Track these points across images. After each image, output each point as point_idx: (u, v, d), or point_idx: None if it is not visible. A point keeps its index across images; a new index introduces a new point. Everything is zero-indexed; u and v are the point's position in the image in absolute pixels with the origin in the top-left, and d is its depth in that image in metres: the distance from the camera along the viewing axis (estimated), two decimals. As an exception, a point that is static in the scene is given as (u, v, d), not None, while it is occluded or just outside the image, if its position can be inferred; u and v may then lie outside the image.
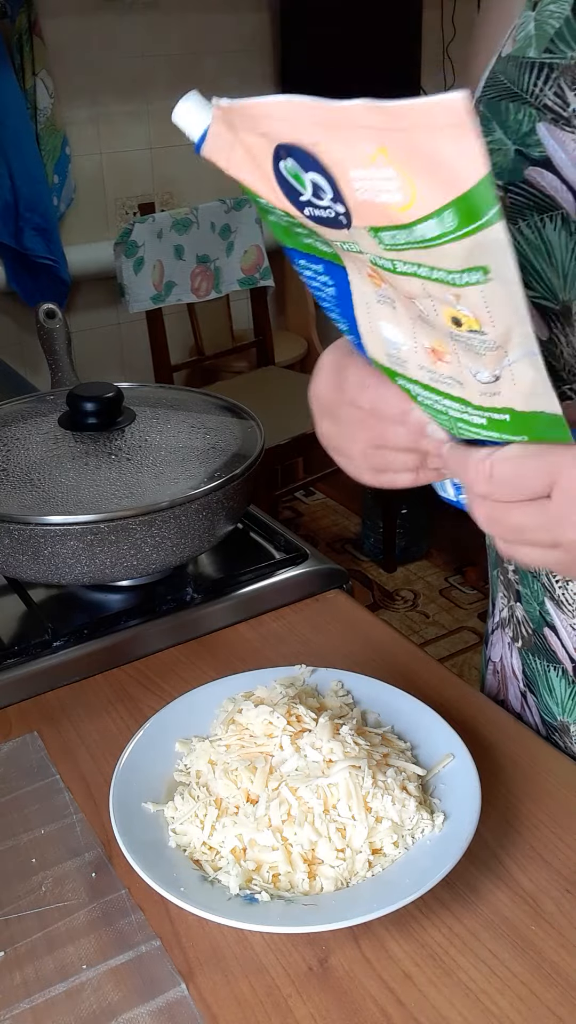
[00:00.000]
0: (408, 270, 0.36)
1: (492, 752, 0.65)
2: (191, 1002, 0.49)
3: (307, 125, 0.32)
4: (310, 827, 0.55)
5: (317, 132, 0.32)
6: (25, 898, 0.56)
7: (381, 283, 0.39)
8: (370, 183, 0.32)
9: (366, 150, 0.31)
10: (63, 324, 1.00)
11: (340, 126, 0.32)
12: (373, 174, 0.32)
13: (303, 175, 0.34)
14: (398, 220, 0.33)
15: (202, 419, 0.87)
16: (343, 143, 0.32)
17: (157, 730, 0.64)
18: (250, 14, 2.88)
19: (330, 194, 0.34)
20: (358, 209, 0.34)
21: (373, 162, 0.32)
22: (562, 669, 0.67)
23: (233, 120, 0.35)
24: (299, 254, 0.43)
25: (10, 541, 0.73)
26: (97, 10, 2.61)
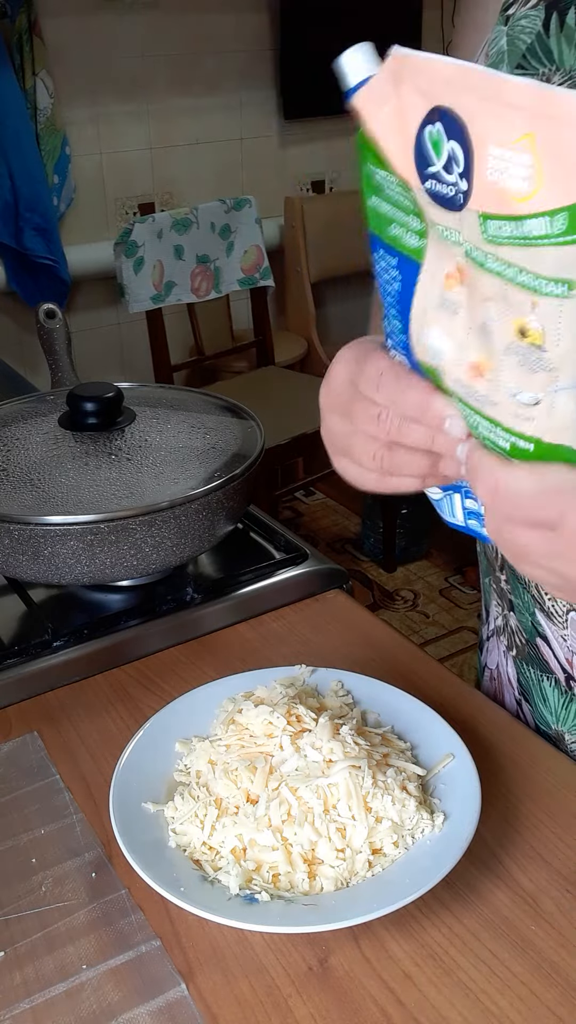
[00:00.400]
0: (497, 268, 0.36)
1: (492, 752, 0.65)
2: (191, 1002, 0.49)
3: (469, 92, 0.34)
4: (310, 827, 0.55)
5: (476, 102, 0.33)
6: (25, 898, 0.56)
7: (457, 284, 0.39)
8: (505, 164, 0.33)
9: (515, 131, 0.33)
10: (63, 324, 1.00)
11: (501, 100, 0.33)
12: (511, 156, 0.33)
13: (444, 143, 0.35)
14: (513, 210, 0.34)
15: (202, 419, 0.87)
16: (496, 118, 0.33)
17: (157, 730, 0.64)
18: (250, 14, 2.88)
19: (461, 167, 0.35)
20: (481, 190, 0.35)
21: (516, 144, 0.33)
22: (555, 679, 0.67)
23: (403, 72, 0.36)
24: (381, 243, 0.44)
25: (10, 541, 0.73)
26: (97, 10, 2.61)
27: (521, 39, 0.54)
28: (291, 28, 2.92)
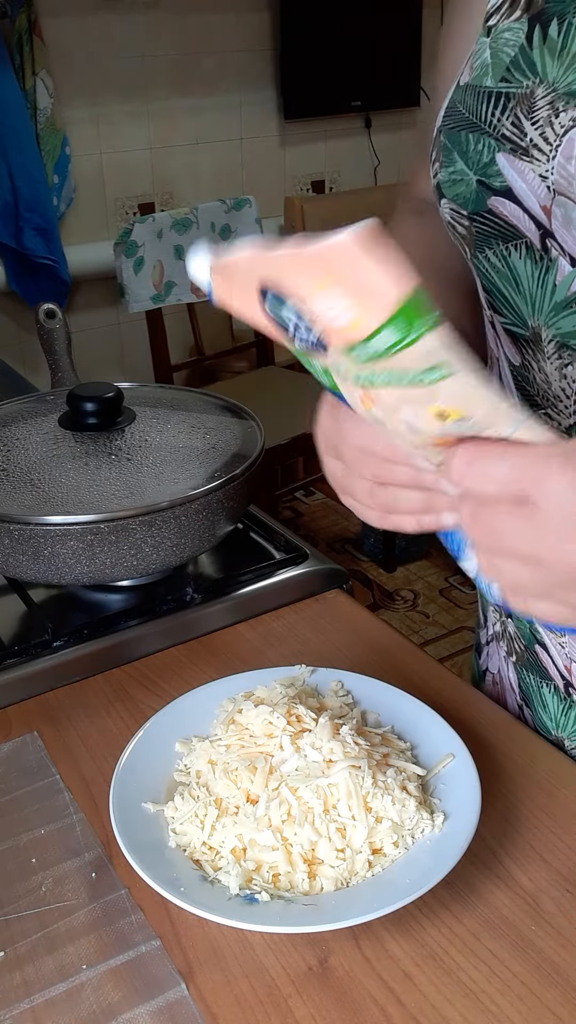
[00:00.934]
0: (384, 379, 0.39)
1: (492, 752, 0.65)
2: (191, 1002, 0.49)
3: (267, 269, 0.37)
4: (310, 827, 0.55)
5: (276, 272, 0.37)
6: (25, 898, 0.56)
7: (371, 404, 0.42)
8: (328, 307, 0.37)
9: (316, 280, 0.36)
10: (63, 324, 1.00)
11: (289, 266, 0.37)
12: (327, 300, 0.37)
13: (281, 311, 0.39)
14: (356, 338, 0.37)
15: (202, 419, 0.87)
16: (296, 278, 0.37)
17: (157, 730, 0.64)
18: (250, 14, 2.88)
19: (304, 323, 0.39)
20: (328, 332, 0.38)
21: (325, 290, 0.36)
22: (554, 686, 0.67)
23: (225, 273, 0.39)
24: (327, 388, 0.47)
25: (10, 541, 0.73)
26: (97, 10, 2.61)
27: (505, 51, 0.54)
28: (291, 28, 2.92)
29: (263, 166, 3.11)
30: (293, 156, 3.18)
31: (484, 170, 0.54)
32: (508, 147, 0.52)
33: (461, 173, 0.56)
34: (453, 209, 0.58)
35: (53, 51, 2.55)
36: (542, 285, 0.55)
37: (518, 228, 0.54)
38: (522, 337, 0.58)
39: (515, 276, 0.56)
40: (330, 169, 3.28)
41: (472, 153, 0.55)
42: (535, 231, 0.53)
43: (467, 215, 0.57)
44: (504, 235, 0.55)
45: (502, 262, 0.57)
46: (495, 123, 0.53)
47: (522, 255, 0.55)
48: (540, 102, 0.51)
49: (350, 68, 3.08)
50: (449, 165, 0.57)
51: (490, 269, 0.58)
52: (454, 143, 0.56)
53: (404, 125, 3.35)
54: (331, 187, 3.31)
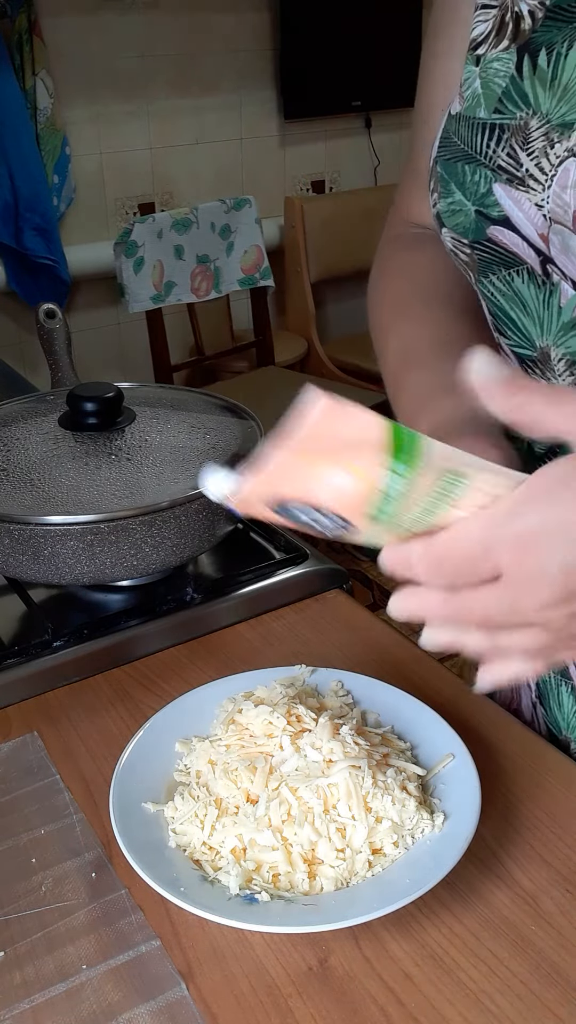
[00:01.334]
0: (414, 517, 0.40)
1: (492, 752, 0.65)
2: (191, 1002, 0.49)
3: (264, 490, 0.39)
4: (310, 827, 0.55)
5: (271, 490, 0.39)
6: (25, 898, 0.56)
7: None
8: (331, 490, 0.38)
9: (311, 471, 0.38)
10: (63, 324, 1.00)
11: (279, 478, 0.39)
12: (331, 482, 0.38)
13: (299, 517, 0.40)
14: (375, 497, 0.39)
15: (202, 419, 0.87)
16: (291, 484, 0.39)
17: (157, 730, 0.64)
18: (250, 14, 2.88)
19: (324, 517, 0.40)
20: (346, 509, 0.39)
21: (322, 474, 0.38)
22: (572, 686, 0.67)
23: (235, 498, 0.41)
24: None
25: (10, 541, 0.73)
26: (97, 10, 2.61)
27: (495, 82, 0.54)
28: (291, 28, 2.92)
29: (263, 166, 3.11)
30: (293, 156, 3.18)
31: (482, 200, 0.55)
32: (504, 177, 0.53)
33: (460, 204, 0.56)
34: (454, 238, 0.58)
35: (53, 51, 2.54)
36: (548, 307, 0.56)
37: (518, 255, 0.55)
38: (529, 358, 0.59)
39: (521, 299, 0.57)
40: (330, 169, 3.28)
41: (469, 184, 0.55)
42: (535, 258, 0.54)
43: (468, 243, 0.57)
44: (506, 262, 0.56)
45: (506, 286, 0.57)
46: (491, 154, 0.54)
47: (525, 280, 0.56)
48: (535, 133, 0.51)
49: (350, 68, 3.08)
50: (447, 196, 0.57)
51: (496, 293, 0.58)
52: (451, 174, 0.57)
53: (404, 125, 3.35)
54: (331, 187, 3.31)
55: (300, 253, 2.99)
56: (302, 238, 2.97)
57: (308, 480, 0.39)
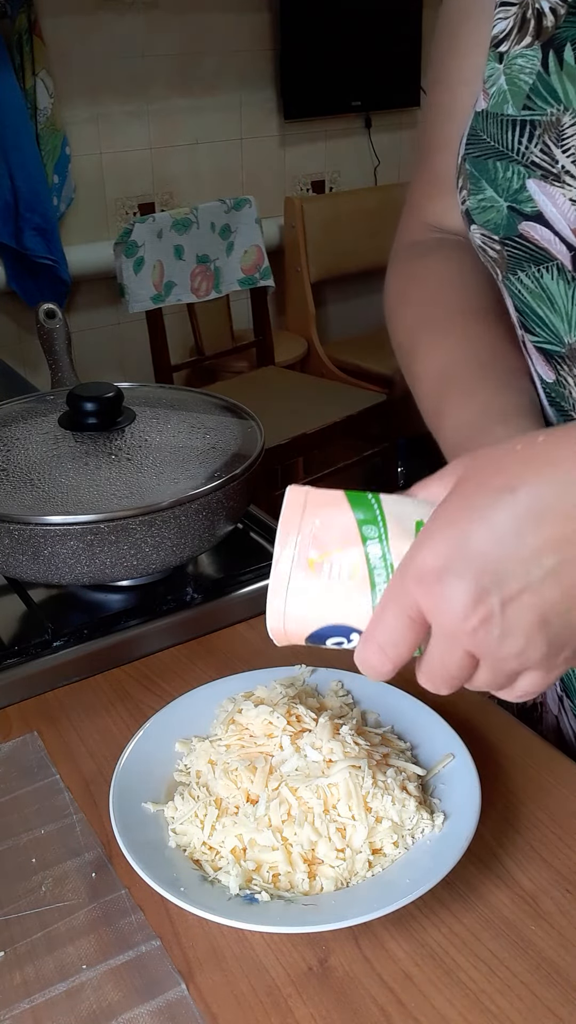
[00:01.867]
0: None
1: (492, 752, 0.65)
2: (191, 1002, 0.49)
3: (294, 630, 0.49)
4: (310, 827, 0.55)
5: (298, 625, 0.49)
6: (25, 898, 0.56)
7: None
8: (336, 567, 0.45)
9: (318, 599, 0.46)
10: (63, 324, 1.00)
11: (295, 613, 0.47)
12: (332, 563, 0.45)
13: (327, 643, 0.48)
14: (368, 576, 0.45)
15: (202, 419, 0.87)
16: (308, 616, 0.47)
17: (157, 730, 0.64)
18: (250, 14, 2.88)
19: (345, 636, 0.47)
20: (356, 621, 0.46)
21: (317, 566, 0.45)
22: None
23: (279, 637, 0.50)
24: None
25: (10, 541, 0.73)
26: (97, 10, 2.61)
27: (522, 79, 0.54)
28: (291, 28, 2.92)
29: (263, 166, 3.11)
30: (293, 156, 3.18)
31: (514, 196, 0.55)
32: (539, 173, 0.53)
33: (491, 200, 0.57)
34: (484, 234, 0.59)
35: (53, 51, 2.54)
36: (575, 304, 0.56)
37: (549, 251, 0.55)
38: (557, 354, 0.59)
39: (549, 296, 0.57)
40: (330, 169, 3.28)
41: (501, 180, 0.55)
42: (567, 253, 0.54)
43: (499, 240, 0.58)
44: (536, 258, 0.56)
45: (535, 283, 0.58)
46: (523, 150, 0.54)
47: (554, 276, 0.56)
48: (569, 129, 0.51)
49: (350, 68, 3.08)
50: (477, 192, 0.57)
51: (523, 290, 0.59)
52: (481, 171, 0.57)
53: (404, 125, 3.35)
54: (331, 187, 3.31)
55: (300, 253, 2.99)
56: (302, 238, 2.97)
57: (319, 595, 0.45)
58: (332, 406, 2.47)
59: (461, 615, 0.40)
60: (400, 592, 0.42)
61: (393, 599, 0.42)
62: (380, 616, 0.43)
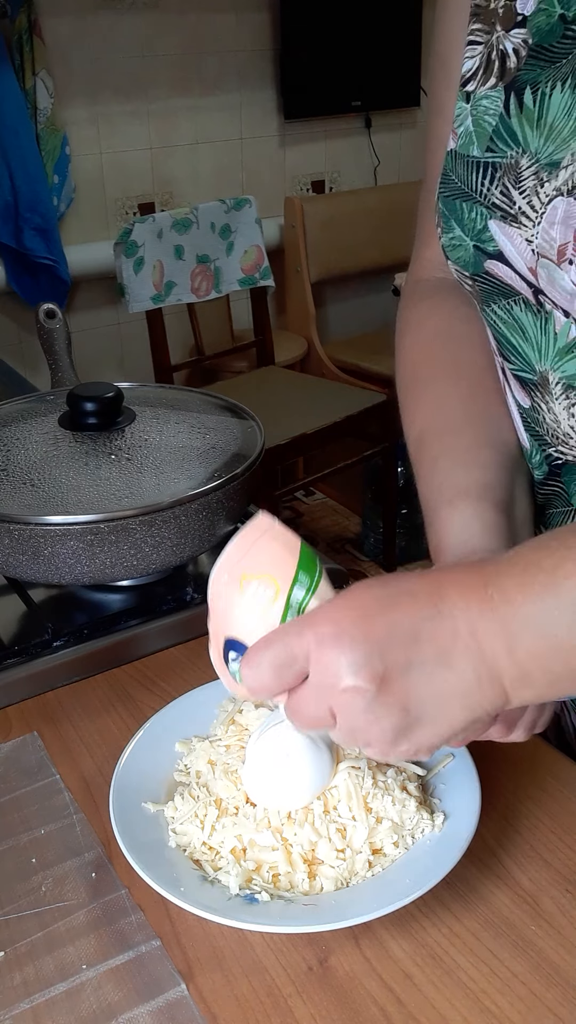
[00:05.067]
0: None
1: (492, 752, 0.65)
2: (191, 1002, 0.49)
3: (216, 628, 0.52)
4: (310, 828, 0.55)
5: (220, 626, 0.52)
6: (25, 898, 0.56)
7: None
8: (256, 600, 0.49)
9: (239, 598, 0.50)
10: (63, 324, 1.00)
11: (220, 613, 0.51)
12: (259, 585, 0.49)
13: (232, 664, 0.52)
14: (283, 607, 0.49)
15: (202, 419, 0.87)
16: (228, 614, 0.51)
17: (157, 730, 0.64)
18: (250, 14, 2.88)
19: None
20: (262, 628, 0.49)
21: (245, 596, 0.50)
22: None
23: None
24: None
25: (10, 541, 0.73)
26: (97, 10, 2.61)
27: (486, 120, 0.55)
28: (291, 28, 2.92)
29: (263, 166, 3.11)
30: (293, 156, 3.18)
31: (479, 236, 0.57)
32: (499, 215, 0.55)
33: (459, 239, 0.59)
34: (457, 270, 0.61)
35: (53, 51, 2.54)
36: (545, 333, 0.58)
37: (513, 287, 0.57)
38: (531, 381, 0.61)
39: (520, 327, 0.59)
40: (330, 169, 3.28)
41: (467, 220, 0.58)
42: (528, 289, 0.56)
43: (469, 276, 0.60)
44: (504, 292, 0.59)
45: (507, 314, 0.60)
46: (485, 192, 0.56)
47: (522, 308, 0.58)
48: (526, 172, 0.53)
49: (350, 68, 3.08)
50: (448, 231, 0.60)
51: (497, 320, 0.61)
52: (451, 210, 0.59)
53: (404, 125, 3.35)
54: (331, 187, 3.31)
55: (300, 253, 2.99)
56: (302, 238, 2.97)
57: (235, 607, 0.50)
58: (332, 406, 2.47)
59: (339, 677, 0.45)
60: (297, 632, 0.46)
61: (288, 634, 0.47)
62: (269, 640, 0.47)
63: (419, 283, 0.73)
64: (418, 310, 0.71)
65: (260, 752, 0.56)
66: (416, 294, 0.72)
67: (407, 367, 0.69)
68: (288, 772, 0.55)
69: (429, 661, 0.45)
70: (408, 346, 0.70)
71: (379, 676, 0.45)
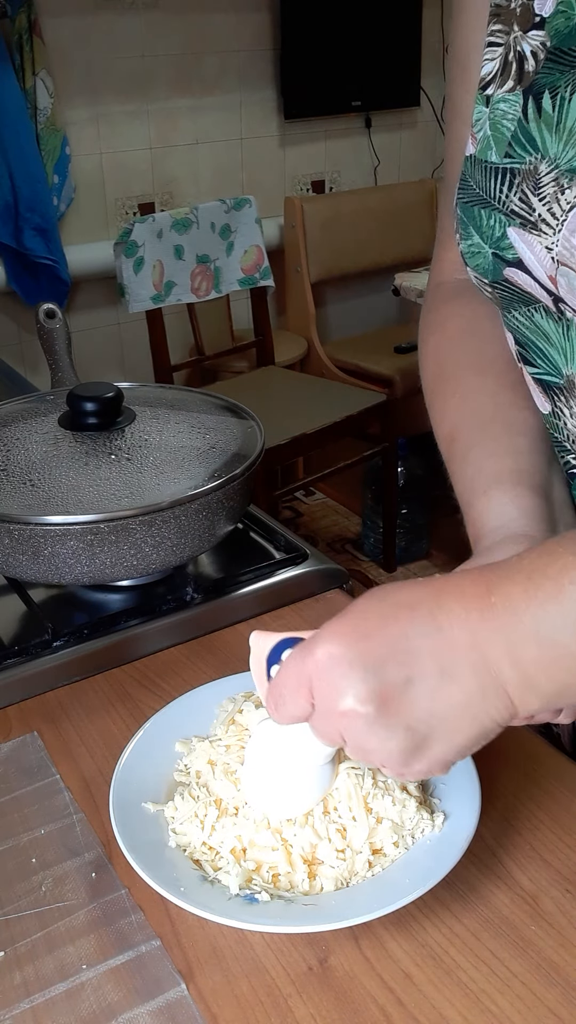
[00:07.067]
0: None
1: (492, 752, 0.65)
2: (191, 1002, 0.49)
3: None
4: (311, 830, 0.55)
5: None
6: (25, 898, 0.56)
7: None
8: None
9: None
10: (63, 324, 1.00)
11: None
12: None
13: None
14: None
15: (202, 419, 0.87)
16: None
17: (157, 730, 0.64)
18: (250, 14, 2.88)
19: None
20: None
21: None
22: None
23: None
24: None
25: (10, 541, 0.73)
26: (97, 10, 2.61)
27: (504, 125, 0.54)
28: (291, 28, 2.92)
29: (263, 166, 3.11)
30: (293, 156, 3.18)
31: (497, 243, 0.56)
32: (518, 222, 0.54)
33: (478, 246, 0.58)
34: (476, 277, 0.60)
35: (53, 51, 2.54)
36: (569, 339, 0.57)
37: (532, 295, 0.56)
38: (555, 385, 0.60)
39: (543, 332, 0.59)
40: (330, 169, 3.28)
41: (485, 228, 0.56)
42: (548, 297, 0.55)
43: (488, 283, 0.59)
44: (523, 299, 0.58)
45: (528, 321, 0.59)
46: (504, 199, 0.54)
47: (543, 316, 0.58)
48: (545, 178, 0.51)
49: (350, 68, 3.08)
50: (467, 238, 0.59)
51: (520, 326, 0.60)
52: (469, 217, 0.58)
53: (404, 125, 3.35)
54: (331, 187, 3.31)
55: (300, 253, 2.98)
56: (302, 238, 2.96)
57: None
58: (332, 406, 2.47)
59: (336, 701, 0.46)
60: (301, 658, 0.48)
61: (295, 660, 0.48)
62: (282, 674, 0.49)
63: (440, 286, 0.72)
64: (440, 312, 0.71)
65: (260, 759, 0.56)
66: (438, 297, 0.72)
67: (432, 367, 0.69)
68: (288, 780, 0.55)
69: (430, 676, 0.45)
70: (433, 346, 0.70)
71: (377, 696, 0.45)
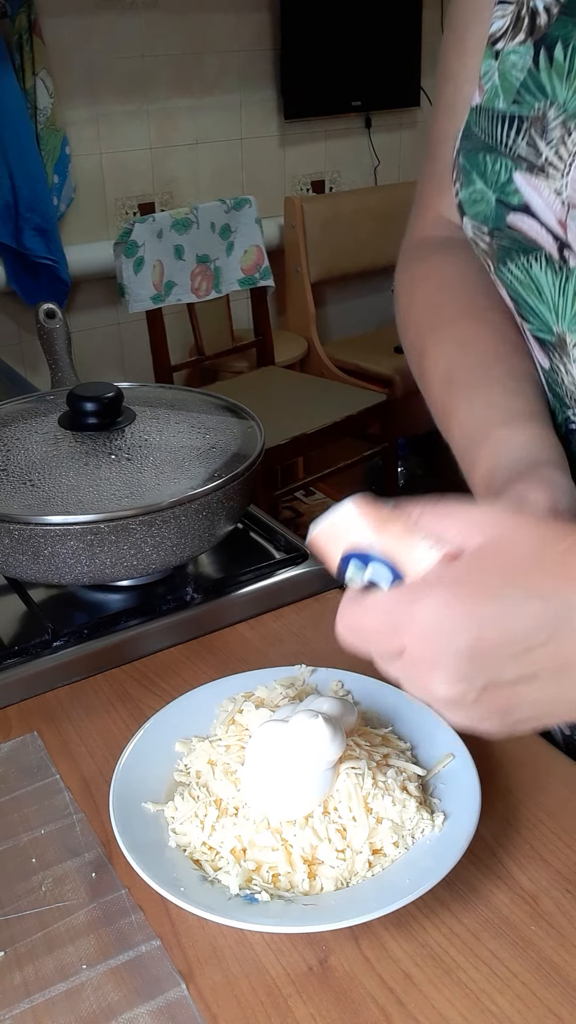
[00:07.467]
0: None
1: (492, 752, 0.65)
2: (191, 1002, 0.49)
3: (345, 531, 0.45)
4: (311, 830, 0.55)
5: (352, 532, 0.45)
6: (25, 898, 0.56)
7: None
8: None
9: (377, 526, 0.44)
10: (63, 324, 1.00)
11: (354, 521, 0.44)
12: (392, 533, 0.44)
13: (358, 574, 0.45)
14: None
15: (202, 419, 0.87)
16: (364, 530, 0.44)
17: (157, 730, 0.64)
18: (250, 14, 2.88)
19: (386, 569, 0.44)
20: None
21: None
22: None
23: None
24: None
25: (10, 541, 0.73)
26: (97, 10, 2.61)
27: (513, 74, 0.55)
28: (291, 28, 2.92)
29: (263, 166, 3.11)
30: (293, 156, 3.18)
31: (502, 189, 0.56)
32: (524, 166, 0.54)
33: (480, 193, 0.58)
34: (475, 226, 0.60)
35: (53, 51, 2.54)
36: (563, 293, 0.57)
37: (537, 241, 0.56)
38: (549, 342, 0.60)
39: (538, 286, 0.58)
40: (330, 169, 3.28)
41: (490, 173, 0.57)
42: (553, 243, 0.55)
43: (488, 231, 0.59)
44: (524, 248, 0.58)
45: (524, 274, 0.59)
46: (510, 144, 0.55)
47: (543, 266, 0.57)
48: (553, 123, 0.53)
49: (350, 68, 3.08)
50: (469, 185, 0.59)
51: (514, 280, 0.60)
52: (472, 164, 0.58)
53: (404, 125, 3.35)
54: (331, 187, 3.31)
55: (300, 253, 2.99)
56: (302, 238, 2.97)
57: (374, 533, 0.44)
58: (332, 406, 2.47)
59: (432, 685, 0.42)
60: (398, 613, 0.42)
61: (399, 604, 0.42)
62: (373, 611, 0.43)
63: (424, 240, 0.71)
64: (427, 263, 0.69)
65: (261, 760, 0.56)
66: (423, 249, 0.71)
67: (421, 315, 0.67)
68: (289, 782, 0.55)
69: (545, 672, 0.42)
70: (421, 295, 0.68)
71: (478, 689, 0.42)
